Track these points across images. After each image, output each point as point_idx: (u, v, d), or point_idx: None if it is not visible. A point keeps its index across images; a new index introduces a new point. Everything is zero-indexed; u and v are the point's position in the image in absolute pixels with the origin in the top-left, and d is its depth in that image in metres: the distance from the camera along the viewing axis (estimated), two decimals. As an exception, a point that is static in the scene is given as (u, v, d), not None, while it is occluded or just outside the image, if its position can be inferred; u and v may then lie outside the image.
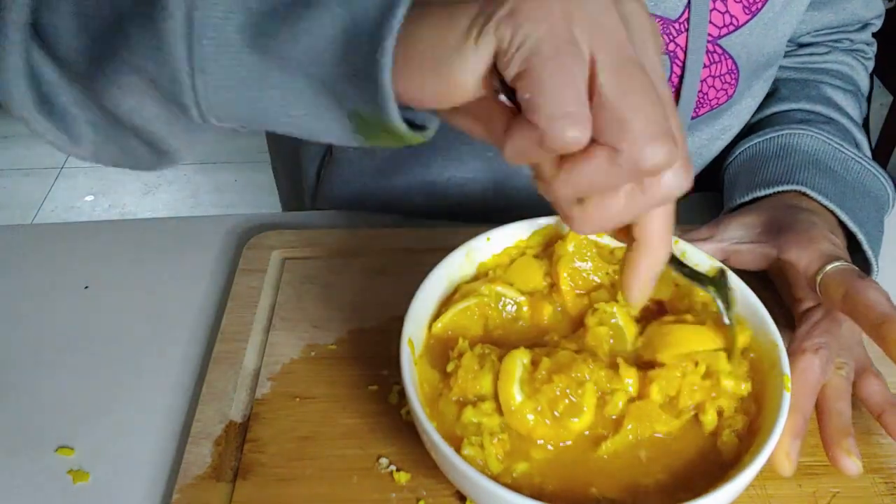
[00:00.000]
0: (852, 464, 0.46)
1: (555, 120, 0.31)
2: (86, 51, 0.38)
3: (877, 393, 0.50)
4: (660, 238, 0.39)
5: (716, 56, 0.63)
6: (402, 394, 0.49)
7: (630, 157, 0.31)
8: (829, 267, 0.50)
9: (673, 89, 0.64)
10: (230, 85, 0.36)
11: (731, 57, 0.63)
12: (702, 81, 0.64)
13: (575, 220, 0.35)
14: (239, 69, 0.35)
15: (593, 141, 0.32)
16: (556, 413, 0.44)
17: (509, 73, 0.32)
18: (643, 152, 0.31)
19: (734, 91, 0.66)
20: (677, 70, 0.63)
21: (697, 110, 0.66)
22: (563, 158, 0.33)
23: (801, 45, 0.76)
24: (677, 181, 0.34)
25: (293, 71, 0.35)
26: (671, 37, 0.61)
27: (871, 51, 0.79)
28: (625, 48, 0.32)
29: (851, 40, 0.76)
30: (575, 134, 0.31)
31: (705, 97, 0.65)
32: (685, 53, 0.62)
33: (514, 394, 0.44)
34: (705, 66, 0.63)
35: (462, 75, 0.33)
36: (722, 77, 0.65)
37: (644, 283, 0.40)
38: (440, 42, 0.33)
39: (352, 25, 0.34)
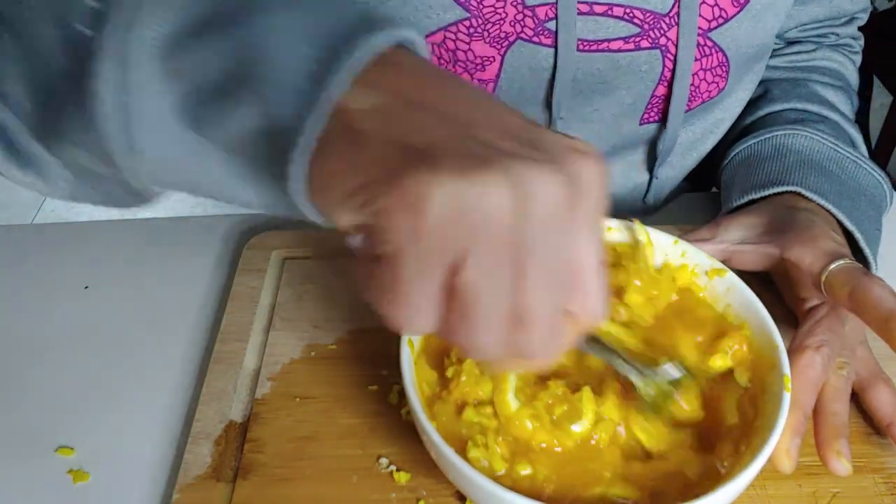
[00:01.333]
0: (842, 466, 0.46)
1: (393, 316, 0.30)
2: (34, 114, 0.38)
3: (887, 404, 0.50)
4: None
5: (706, 49, 0.63)
6: (402, 394, 0.49)
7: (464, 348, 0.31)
8: (833, 265, 0.50)
9: (665, 84, 0.64)
10: (167, 162, 0.35)
11: (721, 50, 0.64)
12: (693, 75, 0.64)
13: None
14: (174, 147, 0.35)
15: None
16: (553, 417, 0.44)
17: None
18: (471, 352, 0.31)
19: (725, 84, 0.66)
20: (669, 64, 0.63)
21: (690, 103, 0.66)
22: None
23: (789, 43, 0.76)
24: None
25: (224, 152, 0.34)
26: (661, 31, 0.61)
27: (858, 45, 0.79)
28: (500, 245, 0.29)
29: (837, 34, 0.76)
30: (410, 329, 0.30)
31: (697, 90, 0.66)
32: (676, 48, 0.62)
33: (510, 401, 0.44)
34: (696, 60, 0.63)
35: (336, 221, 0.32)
36: (713, 70, 0.65)
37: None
38: (328, 185, 0.31)
39: (268, 124, 0.33)
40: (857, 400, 0.52)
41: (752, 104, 0.73)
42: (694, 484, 0.43)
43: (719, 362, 0.48)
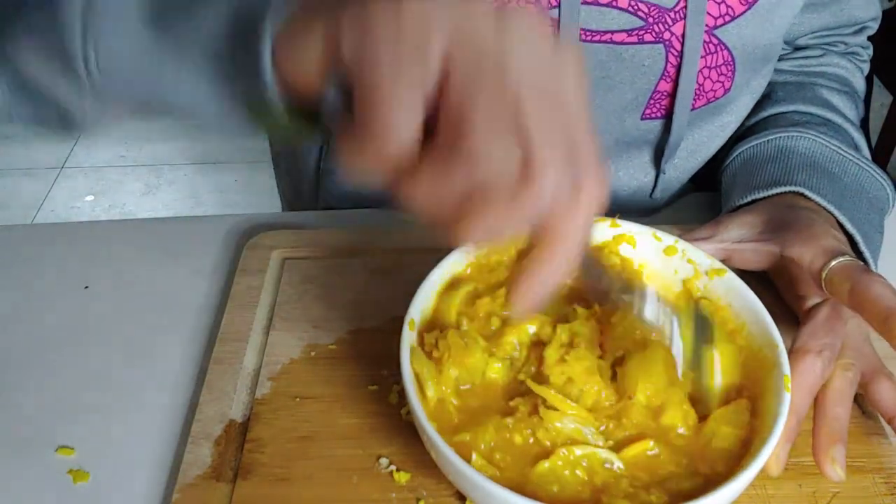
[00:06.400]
0: (835, 473, 0.46)
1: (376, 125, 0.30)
2: None
3: (889, 398, 0.50)
4: (556, 238, 0.33)
5: (711, 47, 0.63)
6: (402, 394, 0.49)
7: (466, 154, 0.30)
8: (833, 262, 0.50)
9: (668, 80, 0.64)
10: (123, 55, 0.36)
11: (727, 48, 0.64)
12: (698, 72, 0.64)
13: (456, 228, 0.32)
14: (133, 41, 0.35)
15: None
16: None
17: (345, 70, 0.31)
18: (480, 152, 0.30)
19: (731, 84, 0.66)
20: (673, 60, 0.63)
21: (695, 102, 0.66)
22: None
23: (797, 49, 0.76)
24: (561, 194, 0.31)
25: (188, 49, 0.35)
26: (666, 26, 0.61)
27: (867, 54, 0.79)
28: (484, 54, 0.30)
29: (846, 43, 0.76)
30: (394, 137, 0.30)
31: (701, 89, 0.65)
32: (682, 43, 0.62)
33: None
34: (701, 57, 0.63)
35: (303, 61, 0.33)
36: (718, 68, 0.65)
37: (529, 289, 0.34)
38: (303, 28, 0.33)
39: (243, 5, 0.34)
40: (859, 399, 0.53)
41: (755, 105, 0.73)
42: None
43: None
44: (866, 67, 0.78)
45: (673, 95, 0.65)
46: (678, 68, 0.63)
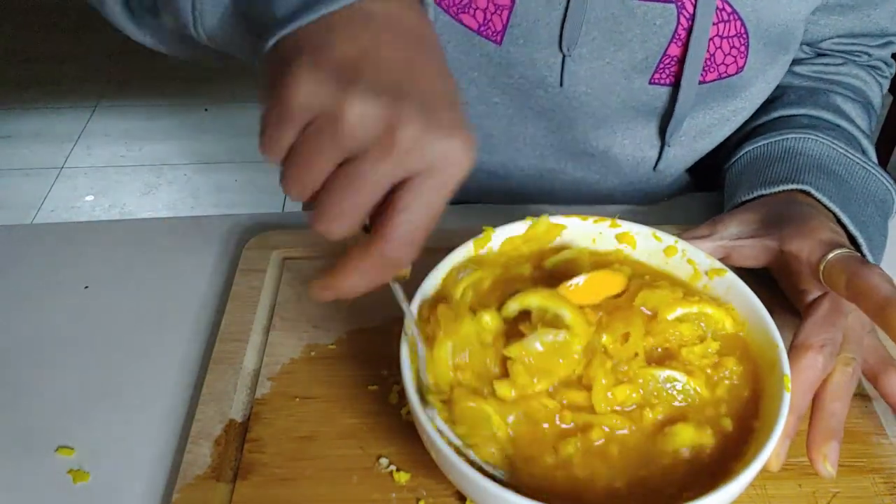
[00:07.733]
0: (825, 470, 0.46)
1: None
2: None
3: None
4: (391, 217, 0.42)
5: (724, 14, 0.63)
6: (402, 394, 0.49)
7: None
8: (831, 255, 0.50)
9: (679, 44, 0.64)
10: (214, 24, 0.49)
11: (740, 18, 0.64)
12: (710, 41, 0.64)
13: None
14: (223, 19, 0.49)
15: None
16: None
17: None
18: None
19: (744, 63, 0.66)
20: (685, 23, 0.63)
21: (705, 74, 0.66)
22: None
23: (818, 55, 0.75)
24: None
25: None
26: None
27: (890, 71, 0.78)
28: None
29: (870, 55, 0.75)
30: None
31: (713, 60, 0.65)
32: (694, 7, 0.62)
33: None
34: (713, 24, 0.63)
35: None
36: (730, 39, 0.64)
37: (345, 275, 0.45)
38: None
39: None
40: (859, 399, 0.53)
41: (765, 105, 0.72)
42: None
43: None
44: (886, 84, 0.78)
45: (682, 62, 0.65)
46: (689, 31, 0.63)
